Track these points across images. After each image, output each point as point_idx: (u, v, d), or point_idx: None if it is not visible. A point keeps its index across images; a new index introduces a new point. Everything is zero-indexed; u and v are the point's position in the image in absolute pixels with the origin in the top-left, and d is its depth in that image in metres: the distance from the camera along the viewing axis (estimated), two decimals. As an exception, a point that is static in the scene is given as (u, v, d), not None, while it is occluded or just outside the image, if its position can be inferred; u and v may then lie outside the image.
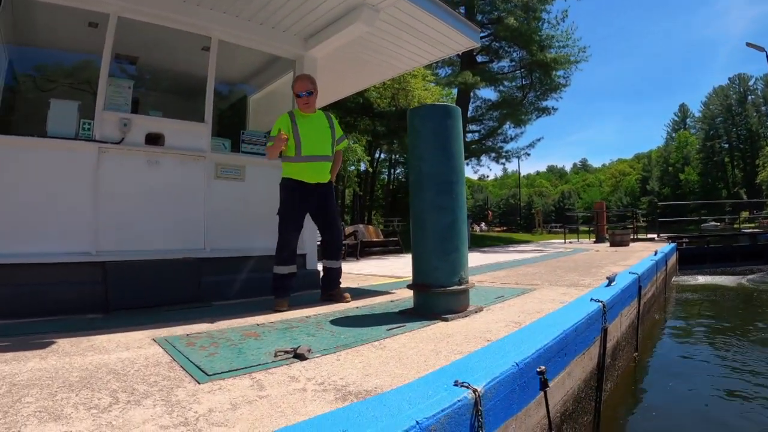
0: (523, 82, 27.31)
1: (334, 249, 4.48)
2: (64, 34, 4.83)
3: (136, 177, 4.19)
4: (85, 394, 1.84)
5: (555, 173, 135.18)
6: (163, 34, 4.62)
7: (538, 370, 2.43)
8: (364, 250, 12.88)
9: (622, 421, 3.60)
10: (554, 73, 25.72)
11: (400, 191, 48.24)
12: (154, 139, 4.31)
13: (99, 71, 4.11)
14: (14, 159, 3.65)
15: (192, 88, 5.13)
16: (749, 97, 75.90)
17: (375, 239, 14.57)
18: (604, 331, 3.60)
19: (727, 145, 77.83)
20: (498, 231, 51.87)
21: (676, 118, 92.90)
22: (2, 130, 3.90)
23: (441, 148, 3.53)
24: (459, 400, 1.75)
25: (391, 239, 15.19)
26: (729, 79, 79.62)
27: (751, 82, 75.89)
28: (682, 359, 5.29)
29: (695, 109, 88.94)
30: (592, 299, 3.74)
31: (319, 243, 4.70)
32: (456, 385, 1.87)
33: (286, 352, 2.45)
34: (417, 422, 1.56)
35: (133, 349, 2.60)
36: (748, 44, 26.91)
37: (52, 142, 3.83)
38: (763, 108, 73.25)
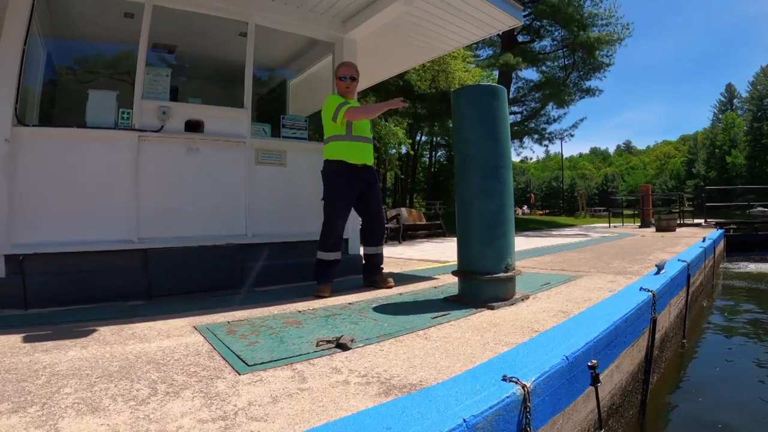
0: (566, 62, 26.48)
1: (377, 236, 4.41)
2: (100, 25, 4.87)
3: (177, 164, 4.19)
4: (124, 385, 1.82)
5: (598, 155, 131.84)
6: (200, 21, 4.59)
7: (589, 364, 2.32)
8: (406, 234, 12.81)
9: (668, 414, 3.41)
10: (597, 52, 24.81)
11: (441, 174, 47.89)
12: (193, 126, 4.30)
13: (137, 61, 4.11)
14: (56, 150, 3.70)
15: (231, 75, 5.11)
16: (800, 76, 71.68)
17: (417, 223, 14.46)
18: (654, 322, 3.43)
19: (775, 127, 73.66)
20: (540, 214, 51.01)
21: (722, 99, 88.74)
22: (44, 122, 3.94)
23: (487, 130, 3.39)
24: (507, 397, 1.66)
25: (433, 222, 15.07)
26: (777, 57, 75.47)
27: (801, 61, 71.65)
28: (730, 347, 5.02)
29: (742, 90, 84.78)
30: (641, 288, 3.57)
31: (360, 227, 4.62)
32: (504, 380, 1.78)
33: (328, 341, 2.39)
34: (464, 420, 1.48)
35: (174, 337, 2.59)
36: None
37: (92, 132, 3.86)
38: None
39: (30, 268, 3.52)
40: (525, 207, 56.20)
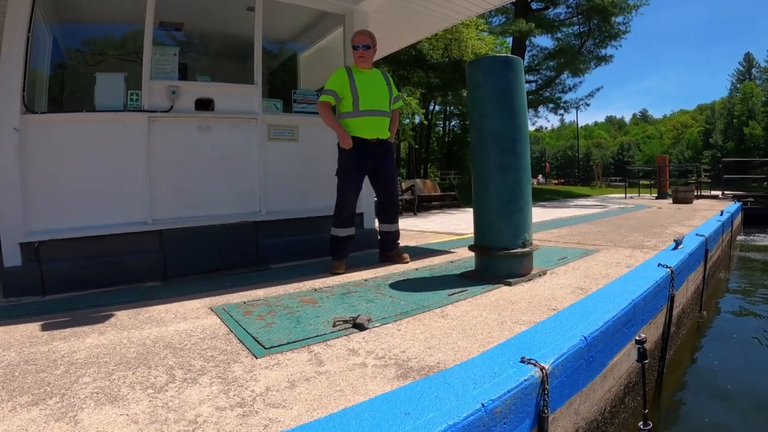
0: (581, 29, 25.73)
1: (392, 211, 4.37)
2: (105, 6, 4.79)
3: (188, 144, 4.16)
4: (142, 372, 1.82)
5: (614, 124, 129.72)
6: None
7: (637, 338, 2.38)
8: (421, 205, 12.78)
9: (684, 388, 3.37)
10: (613, 19, 24.07)
11: (455, 144, 47.55)
12: (204, 105, 4.26)
13: (144, 41, 4.04)
14: (68, 136, 3.68)
15: (240, 50, 5.02)
16: (819, 45, 69.41)
17: (432, 194, 14.39)
18: (671, 299, 3.38)
19: (795, 97, 71.61)
20: (555, 184, 50.57)
21: (740, 68, 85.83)
22: (54, 107, 3.91)
23: (504, 103, 3.31)
24: (526, 380, 1.65)
25: (448, 193, 14.98)
26: (798, 26, 72.95)
27: (820, 29, 69.15)
28: (746, 318, 4.99)
29: (761, 59, 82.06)
30: (659, 264, 3.52)
31: (375, 200, 4.59)
32: (522, 362, 1.77)
33: (345, 321, 2.39)
34: (482, 405, 1.48)
35: (191, 319, 2.60)
36: None
37: (101, 115, 3.83)
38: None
39: (46, 254, 3.54)
40: (540, 176, 55.65)
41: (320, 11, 5.30)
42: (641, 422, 2.35)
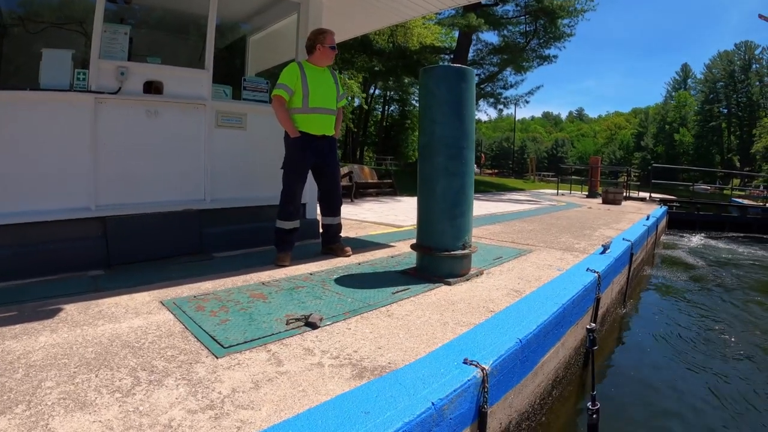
0: (527, 29, 26.38)
1: (335, 205, 4.44)
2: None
3: (135, 128, 4.03)
4: (105, 375, 1.82)
5: (550, 120, 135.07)
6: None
7: (588, 327, 2.77)
8: (358, 192, 12.86)
9: (605, 375, 3.73)
10: (559, 21, 24.85)
11: (393, 128, 47.75)
12: (153, 88, 4.14)
13: (89, 10, 3.83)
14: (9, 115, 3.43)
15: (188, 27, 4.84)
16: (753, 66, 74.98)
17: (370, 181, 14.52)
18: (597, 300, 3.70)
19: (725, 111, 77.42)
20: (490, 174, 51.87)
21: (677, 77, 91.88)
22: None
23: (454, 112, 3.46)
24: (469, 380, 1.84)
25: (385, 181, 15.14)
26: (735, 45, 78.58)
27: (757, 51, 74.57)
28: (662, 308, 5.64)
29: (697, 71, 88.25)
30: (588, 269, 3.83)
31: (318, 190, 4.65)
32: (465, 363, 1.95)
33: (297, 319, 2.48)
34: (432, 403, 1.64)
35: (143, 315, 2.57)
36: (760, 16, 26.17)
37: (47, 94, 3.60)
38: (767, 78, 72.25)
39: (-18, 241, 3.31)
40: (475, 166, 56.75)
41: (276, -3, 5.23)
42: (589, 402, 2.59)
